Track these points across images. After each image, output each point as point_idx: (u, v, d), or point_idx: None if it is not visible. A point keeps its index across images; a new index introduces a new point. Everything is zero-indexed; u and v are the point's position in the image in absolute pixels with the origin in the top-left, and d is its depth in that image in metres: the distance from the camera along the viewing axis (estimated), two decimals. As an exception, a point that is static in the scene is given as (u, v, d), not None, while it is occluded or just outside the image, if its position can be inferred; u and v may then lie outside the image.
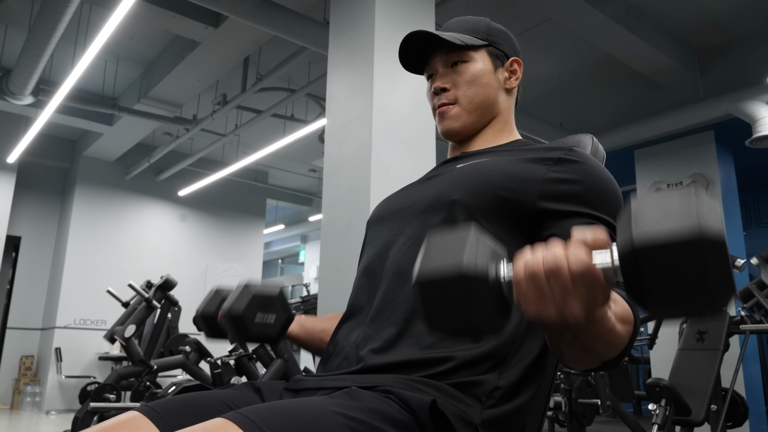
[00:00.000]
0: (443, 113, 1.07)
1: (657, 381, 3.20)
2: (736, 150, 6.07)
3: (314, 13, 4.74)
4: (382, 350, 0.88)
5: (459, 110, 1.06)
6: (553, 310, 0.57)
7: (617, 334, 0.69)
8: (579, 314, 0.56)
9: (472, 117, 1.06)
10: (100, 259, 7.84)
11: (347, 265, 2.87)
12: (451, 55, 1.05)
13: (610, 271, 0.55)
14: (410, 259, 0.93)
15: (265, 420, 0.67)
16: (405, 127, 3.21)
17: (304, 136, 6.39)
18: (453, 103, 1.06)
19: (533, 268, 0.57)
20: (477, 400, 0.82)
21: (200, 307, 1.16)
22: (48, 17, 4.29)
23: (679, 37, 5.41)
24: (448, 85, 1.05)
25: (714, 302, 0.51)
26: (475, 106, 1.05)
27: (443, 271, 0.58)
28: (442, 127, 1.08)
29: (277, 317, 1.07)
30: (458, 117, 1.06)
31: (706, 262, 0.50)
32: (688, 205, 0.51)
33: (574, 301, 0.56)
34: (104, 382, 4.66)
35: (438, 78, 1.07)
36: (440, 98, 1.06)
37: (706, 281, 0.50)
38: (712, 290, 0.51)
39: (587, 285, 0.56)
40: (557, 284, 0.56)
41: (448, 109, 1.06)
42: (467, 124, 1.06)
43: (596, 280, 0.56)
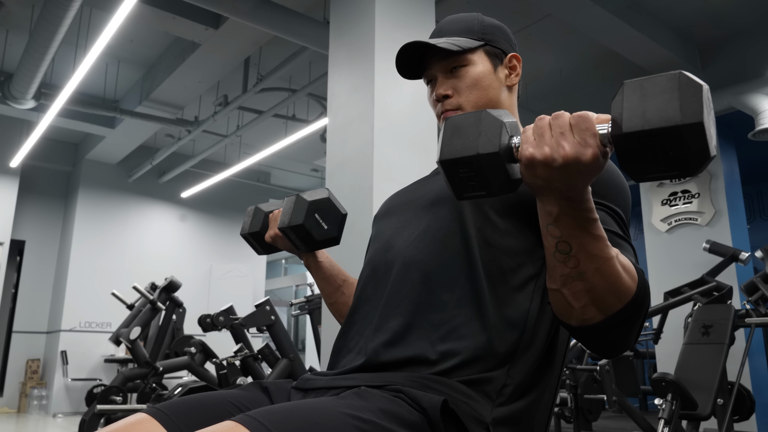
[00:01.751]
0: (447, 119, 1.06)
1: (663, 376, 3.19)
2: (739, 143, 6.05)
3: (314, 13, 4.74)
4: (391, 343, 0.88)
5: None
6: (548, 149, 0.66)
7: (617, 272, 0.71)
8: (569, 153, 0.65)
9: None
10: (105, 262, 7.85)
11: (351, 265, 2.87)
12: (449, 61, 1.03)
13: (605, 136, 0.65)
14: (418, 251, 0.94)
15: (274, 422, 0.67)
16: (407, 126, 3.21)
17: (306, 135, 6.39)
18: (456, 110, 1.03)
19: (540, 118, 0.68)
20: (487, 397, 0.82)
21: (245, 227, 1.22)
22: (48, 21, 4.30)
23: (680, 31, 5.39)
24: (450, 91, 1.03)
25: (688, 144, 0.60)
26: (480, 108, 1.03)
27: (468, 117, 0.71)
28: None
29: (329, 228, 1.14)
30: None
31: (681, 94, 0.60)
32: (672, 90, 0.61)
33: (566, 143, 0.65)
34: (110, 385, 4.67)
35: (439, 85, 1.05)
36: (443, 105, 1.04)
37: (677, 114, 0.59)
38: (681, 124, 0.59)
39: (581, 132, 0.65)
40: (556, 126, 0.66)
41: (452, 113, 1.04)
42: None
43: (590, 128, 0.65)
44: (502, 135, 0.68)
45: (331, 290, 1.19)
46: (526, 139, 0.68)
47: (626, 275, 0.72)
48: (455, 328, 0.86)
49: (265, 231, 1.20)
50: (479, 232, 0.91)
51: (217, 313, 4.62)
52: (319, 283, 1.22)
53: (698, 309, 3.95)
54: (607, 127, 0.64)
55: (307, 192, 1.13)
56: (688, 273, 5.07)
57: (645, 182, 0.65)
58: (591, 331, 0.74)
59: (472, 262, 0.89)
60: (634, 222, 7.09)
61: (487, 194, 0.70)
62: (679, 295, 4.30)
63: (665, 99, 0.60)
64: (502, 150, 0.67)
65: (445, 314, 0.87)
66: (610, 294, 0.71)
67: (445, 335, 0.86)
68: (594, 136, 0.65)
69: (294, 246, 1.16)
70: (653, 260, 5.83)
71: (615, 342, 0.76)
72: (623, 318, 0.73)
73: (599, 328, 0.73)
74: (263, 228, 1.20)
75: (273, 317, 4.39)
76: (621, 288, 0.71)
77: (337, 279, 1.20)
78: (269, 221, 1.20)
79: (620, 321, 0.73)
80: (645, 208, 6.02)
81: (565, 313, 0.75)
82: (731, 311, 3.72)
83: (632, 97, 0.62)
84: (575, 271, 0.71)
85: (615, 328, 0.74)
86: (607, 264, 0.70)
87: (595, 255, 0.70)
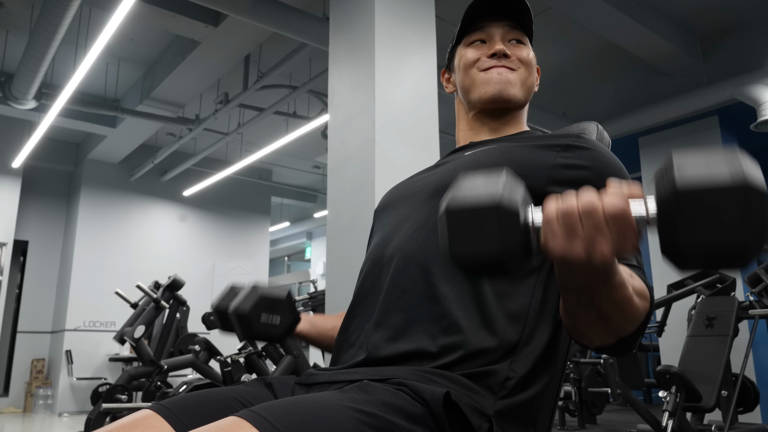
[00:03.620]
0: (503, 75, 1.03)
1: (667, 368, 3.19)
2: (741, 134, 6.03)
3: (314, 9, 4.73)
4: (393, 338, 0.88)
5: (518, 80, 1.04)
6: (581, 248, 0.57)
7: (634, 306, 0.69)
8: (608, 254, 0.57)
9: (521, 94, 1.05)
10: (108, 261, 7.87)
11: (354, 261, 2.87)
12: (512, 33, 1.05)
13: (642, 221, 0.56)
14: (417, 244, 0.93)
15: (277, 417, 0.67)
16: (408, 121, 3.21)
17: (307, 132, 6.39)
18: (512, 71, 1.03)
19: (567, 207, 0.58)
20: (490, 390, 0.81)
21: (214, 302, 1.22)
22: (48, 21, 4.30)
23: (680, 23, 5.37)
24: (510, 54, 1.04)
25: (748, 252, 0.51)
26: (526, 87, 1.05)
27: (477, 201, 0.58)
28: (497, 88, 1.03)
29: (282, 318, 1.12)
30: (515, 85, 1.03)
31: (750, 208, 0.50)
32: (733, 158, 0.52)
33: (604, 241, 0.56)
34: (115, 383, 4.69)
35: (499, 44, 1.04)
36: (501, 61, 1.03)
37: (747, 229, 0.50)
38: (749, 238, 0.51)
39: (619, 228, 0.56)
40: (590, 223, 0.57)
41: (510, 71, 1.03)
42: (519, 97, 1.04)
43: (629, 224, 0.56)
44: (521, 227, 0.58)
45: (327, 346, 1.17)
46: (551, 231, 0.58)
47: (640, 302, 0.71)
48: (456, 322, 0.85)
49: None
50: None
51: (221, 311, 4.61)
52: (314, 346, 1.20)
53: (702, 301, 3.95)
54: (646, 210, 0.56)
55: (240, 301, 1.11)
56: (691, 265, 5.06)
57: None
58: (605, 348, 0.76)
59: None
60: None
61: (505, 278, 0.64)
62: (683, 287, 4.29)
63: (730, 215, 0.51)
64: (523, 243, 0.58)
65: (445, 307, 0.87)
66: (626, 323, 0.71)
67: (446, 328, 0.85)
68: (634, 232, 0.56)
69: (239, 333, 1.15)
70: (656, 253, 5.82)
71: (627, 349, 0.77)
72: (635, 335, 0.74)
73: (614, 345, 0.75)
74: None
75: (276, 314, 4.38)
76: (637, 316, 0.71)
77: (326, 334, 1.17)
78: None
79: (633, 338, 0.74)
80: (648, 201, 6.01)
81: (582, 342, 0.76)
82: (735, 303, 3.72)
83: (690, 205, 0.52)
84: (596, 316, 0.70)
85: (629, 342, 0.75)
86: (628, 304, 0.69)
87: (617, 301, 0.68)
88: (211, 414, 0.80)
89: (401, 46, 3.30)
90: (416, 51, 3.36)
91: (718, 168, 0.52)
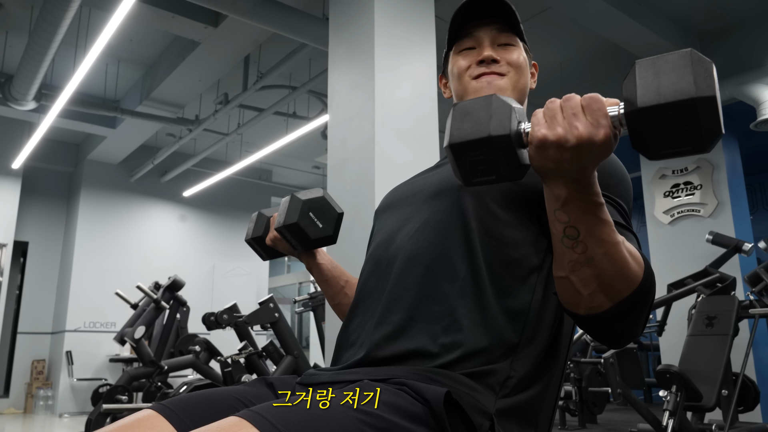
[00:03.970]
0: (492, 81, 1.03)
1: (667, 367, 3.19)
2: (741, 134, 6.03)
3: (313, 10, 4.73)
4: (393, 336, 0.88)
5: (508, 85, 1.03)
6: (560, 130, 0.66)
7: (624, 258, 0.71)
8: (583, 134, 0.65)
9: (513, 99, 1.05)
10: (108, 262, 7.87)
11: (354, 261, 2.87)
12: (501, 36, 1.04)
13: (615, 118, 0.66)
14: (419, 244, 0.93)
15: (278, 417, 0.68)
16: (408, 121, 3.21)
17: (307, 133, 6.39)
18: (502, 75, 1.03)
19: (551, 101, 0.69)
20: (491, 389, 0.81)
21: (249, 232, 1.23)
22: (48, 22, 4.30)
23: (680, 22, 5.37)
24: (499, 59, 1.03)
25: (701, 117, 0.60)
26: (518, 90, 1.04)
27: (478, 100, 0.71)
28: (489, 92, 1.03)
29: (324, 227, 1.13)
30: (506, 90, 1.03)
31: (694, 70, 0.61)
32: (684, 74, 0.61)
33: (579, 123, 0.66)
34: (116, 384, 4.69)
35: (488, 49, 1.03)
36: (490, 67, 1.03)
37: (692, 88, 0.60)
38: (696, 98, 0.60)
39: (593, 113, 0.65)
40: (567, 108, 0.67)
41: (497, 79, 1.03)
42: None
43: (601, 109, 0.65)
44: (512, 118, 0.68)
45: (333, 292, 1.19)
46: (537, 121, 0.68)
47: (633, 261, 0.72)
48: (457, 320, 0.85)
49: (266, 235, 1.20)
50: (480, 223, 0.90)
51: (221, 311, 4.62)
52: (321, 285, 1.21)
53: (702, 300, 3.95)
54: (618, 109, 0.65)
55: (302, 191, 1.14)
56: (692, 265, 5.07)
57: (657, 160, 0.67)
58: (599, 319, 0.74)
59: (473, 254, 0.89)
60: (637, 214, 7.08)
61: (497, 179, 0.71)
62: (683, 286, 4.29)
63: (678, 75, 0.61)
64: (513, 132, 0.68)
65: (446, 306, 0.87)
66: (618, 279, 0.71)
67: (447, 327, 0.85)
68: (606, 117, 0.65)
69: (291, 246, 1.16)
70: (656, 252, 5.83)
71: (623, 331, 0.75)
72: (631, 304, 0.73)
73: (607, 315, 0.73)
74: (265, 232, 1.20)
75: (277, 314, 4.39)
76: (629, 273, 0.71)
77: (339, 281, 1.20)
78: (270, 225, 1.20)
79: (628, 308, 0.73)
80: (647, 201, 6.01)
81: (572, 302, 0.75)
82: (735, 302, 3.72)
83: (645, 75, 0.63)
84: (583, 256, 0.71)
85: (623, 315, 0.73)
86: (615, 249, 0.70)
87: (602, 240, 0.70)
88: (212, 414, 0.80)
89: (401, 46, 3.31)
90: (416, 51, 3.36)
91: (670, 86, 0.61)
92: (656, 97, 0.61)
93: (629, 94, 0.63)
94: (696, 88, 0.60)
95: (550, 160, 0.68)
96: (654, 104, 0.61)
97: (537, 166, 0.70)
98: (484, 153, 0.68)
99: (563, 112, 0.67)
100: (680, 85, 0.60)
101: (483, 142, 0.68)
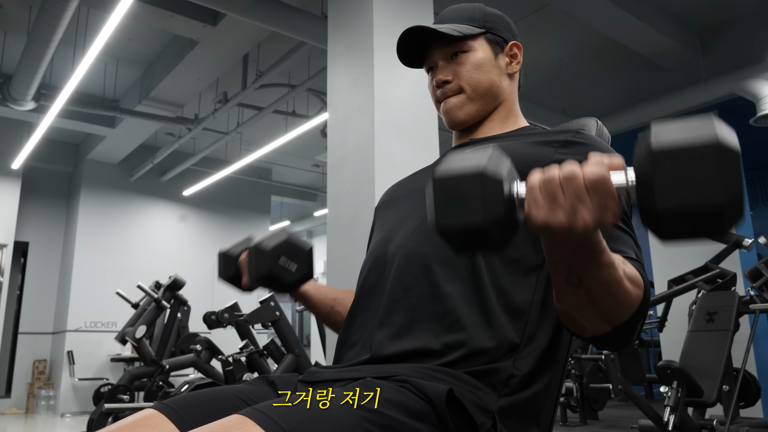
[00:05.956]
0: (447, 104, 1.06)
1: (668, 363, 3.20)
2: (741, 129, 6.00)
3: (312, 8, 4.73)
4: (396, 336, 0.88)
5: (463, 99, 1.05)
6: (563, 216, 0.59)
7: (625, 289, 0.70)
8: (589, 221, 0.58)
9: (476, 105, 1.05)
10: (108, 262, 7.87)
11: (354, 259, 2.87)
12: (450, 47, 1.04)
13: (623, 190, 0.58)
14: (419, 243, 0.93)
15: (280, 414, 0.68)
16: (407, 118, 3.21)
17: (307, 131, 6.39)
18: (457, 93, 1.05)
19: (549, 175, 0.60)
20: (493, 388, 0.82)
21: (220, 272, 1.20)
22: (46, 22, 4.29)
23: (679, 17, 5.37)
24: (450, 77, 1.04)
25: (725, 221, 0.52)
26: (479, 93, 1.04)
27: (463, 170, 0.60)
28: (448, 118, 1.07)
29: (298, 268, 1.11)
30: (462, 106, 1.05)
31: (722, 167, 0.51)
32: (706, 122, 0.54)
33: (584, 209, 0.58)
34: (117, 384, 4.69)
35: (439, 71, 1.05)
36: (443, 91, 1.05)
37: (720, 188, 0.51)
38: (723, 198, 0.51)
39: (599, 195, 0.58)
40: (570, 190, 0.58)
41: (451, 100, 1.05)
42: (472, 113, 1.06)
43: (609, 191, 0.58)
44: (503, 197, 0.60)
45: (324, 314, 1.18)
46: (534, 200, 0.60)
47: (633, 288, 0.71)
48: (459, 320, 0.86)
49: (239, 275, 1.18)
50: None
51: (222, 310, 4.62)
52: (310, 310, 1.20)
53: (702, 296, 3.95)
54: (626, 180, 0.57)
55: (265, 239, 1.11)
56: (692, 260, 5.06)
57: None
58: (599, 339, 0.75)
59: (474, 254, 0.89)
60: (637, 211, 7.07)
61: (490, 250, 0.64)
62: (683, 282, 4.29)
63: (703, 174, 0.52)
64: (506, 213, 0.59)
65: (448, 306, 0.87)
66: (620, 310, 0.72)
67: (450, 327, 0.86)
68: (614, 198, 0.58)
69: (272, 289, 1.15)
70: (656, 248, 5.83)
71: (620, 341, 0.76)
72: (631, 324, 0.74)
73: (608, 336, 0.74)
74: (237, 272, 1.18)
75: (278, 313, 4.39)
76: (630, 302, 0.71)
77: (326, 302, 1.18)
78: (240, 266, 1.18)
79: (628, 328, 0.74)
80: (647, 197, 6.00)
81: (576, 330, 0.76)
82: (735, 298, 3.72)
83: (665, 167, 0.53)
84: (586, 298, 0.70)
85: (623, 333, 0.74)
86: (617, 286, 0.69)
87: (605, 282, 0.68)
88: (214, 413, 0.81)
89: (400, 44, 3.30)
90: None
91: (691, 130, 0.53)
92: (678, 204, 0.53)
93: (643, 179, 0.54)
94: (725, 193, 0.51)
95: (552, 240, 0.64)
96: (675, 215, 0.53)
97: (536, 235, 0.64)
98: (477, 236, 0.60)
99: (564, 194, 0.58)
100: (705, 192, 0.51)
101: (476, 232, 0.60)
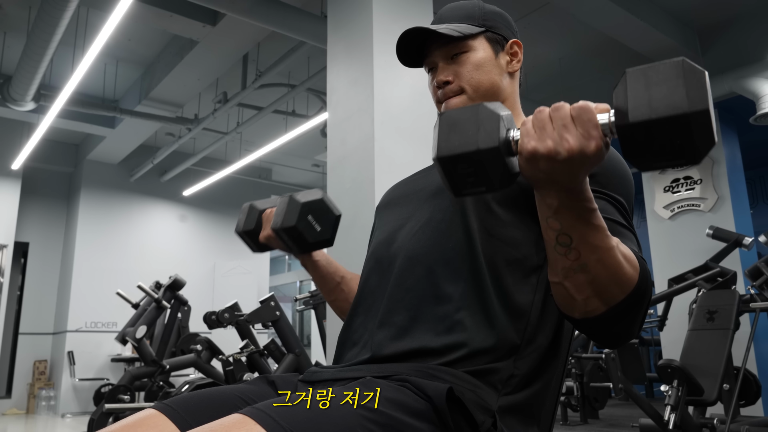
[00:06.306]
0: (448, 105, 1.04)
1: (668, 362, 3.20)
2: (741, 128, 6.03)
3: (311, 8, 4.72)
4: (397, 337, 0.88)
5: (464, 100, 1.03)
6: (550, 143, 0.65)
7: (618, 262, 0.71)
8: (574, 147, 0.64)
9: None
10: (109, 262, 7.88)
11: (354, 259, 2.87)
12: (450, 47, 1.03)
13: (606, 127, 0.64)
14: (421, 244, 0.93)
15: (281, 414, 0.68)
16: (407, 118, 3.20)
17: (306, 131, 6.39)
18: (458, 94, 1.03)
19: (540, 110, 0.67)
20: (493, 387, 0.82)
21: (239, 224, 1.20)
22: (46, 22, 4.29)
23: (679, 16, 5.37)
24: (451, 77, 1.03)
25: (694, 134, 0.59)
26: (480, 94, 1.03)
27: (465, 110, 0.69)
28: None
29: (322, 230, 1.10)
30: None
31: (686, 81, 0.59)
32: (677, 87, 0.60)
33: (570, 136, 0.64)
34: (118, 384, 4.69)
35: (440, 71, 1.04)
36: (444, 92, 1.04)
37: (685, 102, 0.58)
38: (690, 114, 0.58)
39: (584, 124, 0.64)
40: (558, 119, 0.65)
41: (453, 100, 1.04)
42: None
43: (592, 120, 0.64)
44: (501, 128, 0.67)
45: (328, 288, 1.18)
46: (526, 132, 0.66)
47: (628, 265, 0.72)
48: (460, 321, 0.86)
49: (259, 229, 1.17)
50: (481, 223, 0.90)
51: (223, 310, 4.63)
52: (316, 281, 1.20)
53: (703, 295, 3.95)
54: (609, 117, 0.64)
55: (301, 192, 1.10)
56: (692, 259, 5.07)
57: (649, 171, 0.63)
58: (594, 322, 0.74)
59: (475, 254, 0.89)
60: (637, 210, 7.08)
61: (487, 190, 0.69)
62: (683, 281, 4.29)
63: (670, 87, 0.59)
64: (501, 144, 0.66)
65: (449, 307, 0.87)
66: (613, 284, 0.71)
67: (450, 327, 0.86)
68: (597, 128, 0.63)
69: (287, 246, 1.14)
70: (656, 247, 5.83)
71: (619, 332, 0.75)
72: (626, 308, 0.73)
73: (602, 319, 0.73)
74: (257, 226, 1.17)
75: (278, 313, 4.40)
76: (623, 278, 0.71)
77: (334, 277, 1.18)
78: (263, 220, 1.17)
79: (623, 311, 0.73)
80: (647, 196, 6.01)
81: (568, 306, 0.75)
82: (736, 296, 3.72)
83: (636, 86, 0.61)
84: (576, 263, 0.71)
85: (618, 318, 0.73)
86: (609, 254, 0.70)
87: (595, 246, 0.69)
88: (215, 412, 0.81)
89: (400, 44, 3.30)
90: (415, 48, 3.35)
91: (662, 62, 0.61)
92: (648, 112, 0.59)
93: (620, 104, 0.61)
94: (689, 102, 0.58)
95: (541, 171, 0.67)
96: (646, 119, 0.59)
97: (527, 176, 0.69)
98: (473, 165, 0.67)
99: (553, 123, 0.65)
100: (672, 98, 0.59)
101: (472, 156, 0.66)
